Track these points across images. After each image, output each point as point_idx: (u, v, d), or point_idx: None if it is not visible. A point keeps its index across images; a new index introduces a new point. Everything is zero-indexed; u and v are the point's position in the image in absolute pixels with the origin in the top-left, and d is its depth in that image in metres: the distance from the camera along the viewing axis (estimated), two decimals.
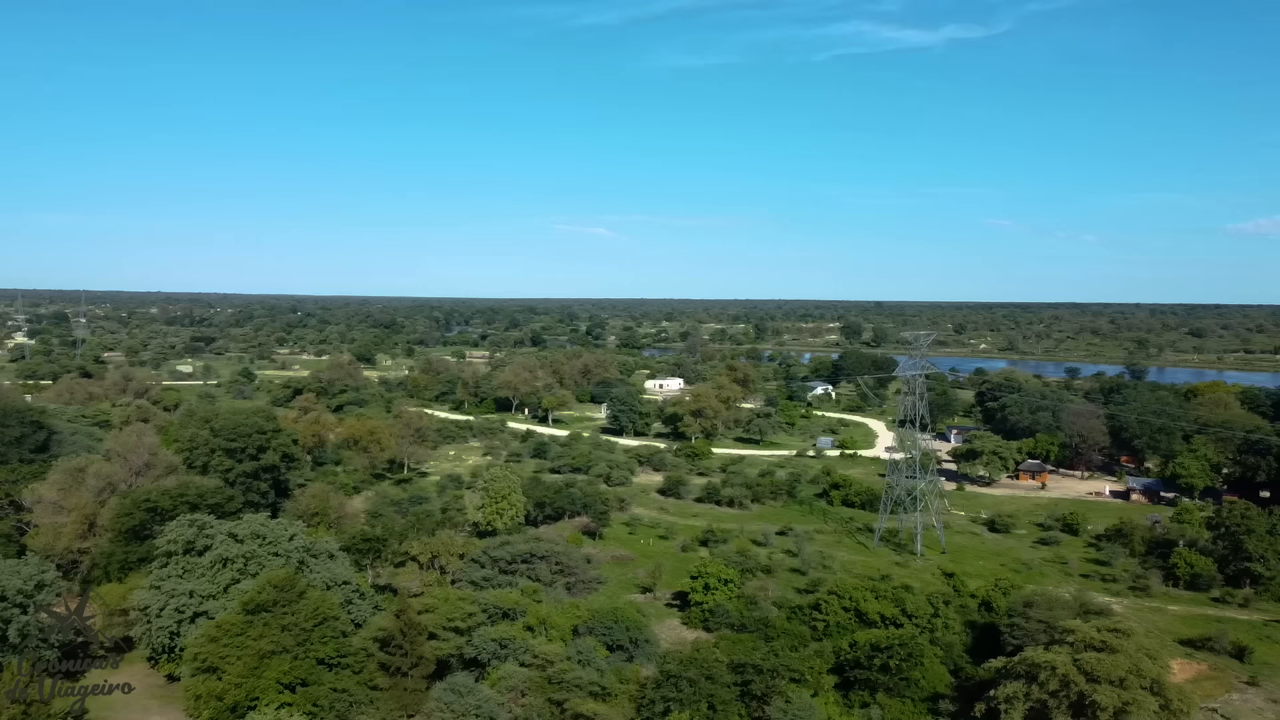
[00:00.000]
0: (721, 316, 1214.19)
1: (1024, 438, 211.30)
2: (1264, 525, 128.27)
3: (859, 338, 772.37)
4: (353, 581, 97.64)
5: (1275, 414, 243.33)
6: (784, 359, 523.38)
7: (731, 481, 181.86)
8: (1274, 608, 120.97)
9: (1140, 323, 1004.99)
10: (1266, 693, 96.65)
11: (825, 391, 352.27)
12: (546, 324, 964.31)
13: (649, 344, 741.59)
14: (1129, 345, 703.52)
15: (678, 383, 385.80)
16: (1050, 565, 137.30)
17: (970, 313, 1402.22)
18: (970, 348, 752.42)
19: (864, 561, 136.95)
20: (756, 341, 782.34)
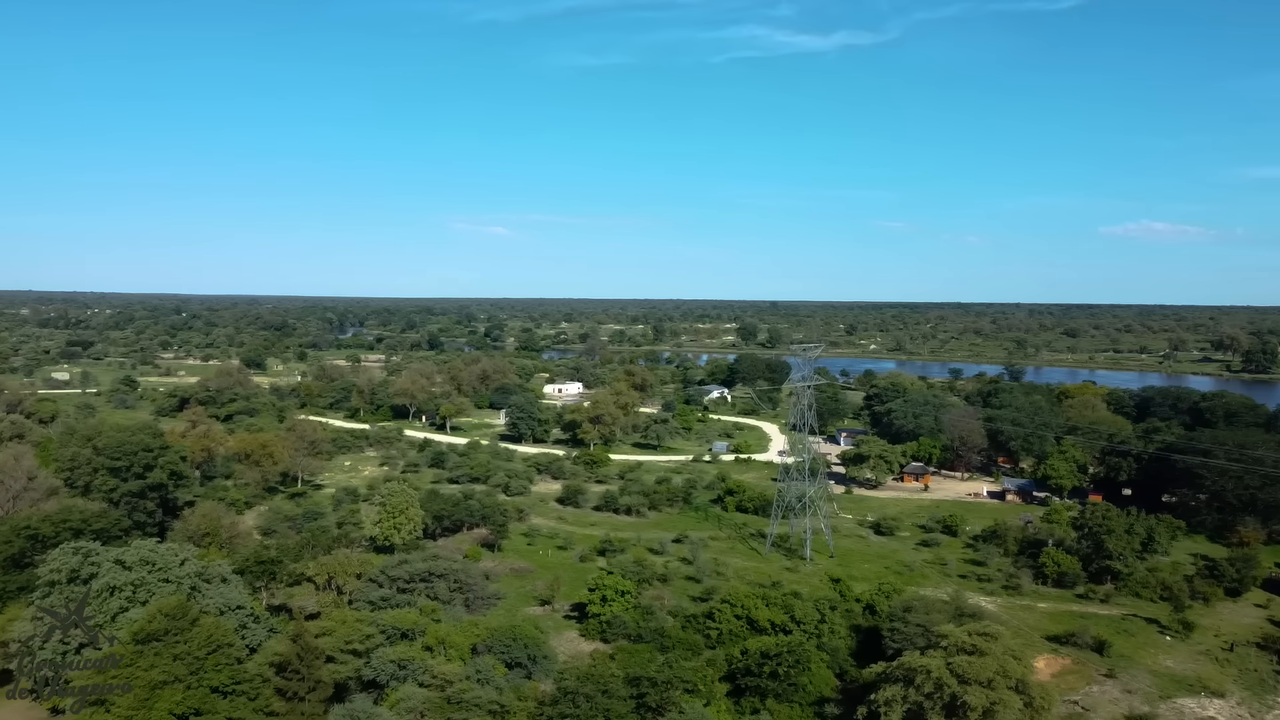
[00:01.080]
0: (621, 317, 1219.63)
1: (909, 441, 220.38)
2: (1122, 525, 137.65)
3: (755, 339, 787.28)
4: (247, 605, 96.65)
5: (1138, 415, 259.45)
6: (681, 361, 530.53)
7: (629, 489, 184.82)
8: (1132, 602, 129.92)
9: (1019, 323, 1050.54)
10: (1122, 684, 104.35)
11: (721, 395, 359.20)
12: (444, 325, 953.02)
13: (548, 346, 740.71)
14: (1008, 345, 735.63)
15: (577, 387, 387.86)
16: (931, 566, 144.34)
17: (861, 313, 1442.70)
18: (861, 348, 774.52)
19: (756, 568, 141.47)
20: (655, 343, 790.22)
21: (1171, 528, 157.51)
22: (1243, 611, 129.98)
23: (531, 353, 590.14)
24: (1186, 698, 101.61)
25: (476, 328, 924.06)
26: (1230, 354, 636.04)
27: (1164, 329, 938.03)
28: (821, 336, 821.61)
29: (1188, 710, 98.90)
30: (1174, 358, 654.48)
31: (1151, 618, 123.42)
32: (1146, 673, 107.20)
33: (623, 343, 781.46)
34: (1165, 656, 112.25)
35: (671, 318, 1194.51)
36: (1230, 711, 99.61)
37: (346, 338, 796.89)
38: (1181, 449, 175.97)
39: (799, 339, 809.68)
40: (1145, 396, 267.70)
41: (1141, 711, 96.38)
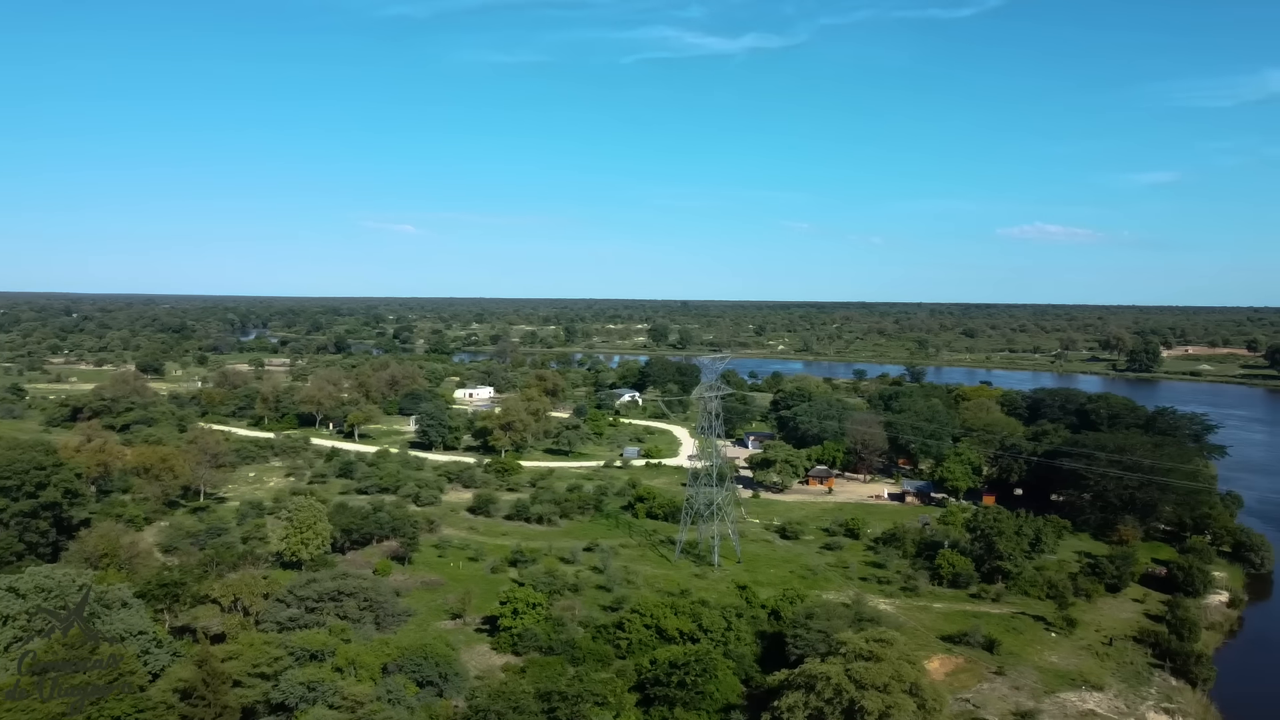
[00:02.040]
0: (532, 318, 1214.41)
1: (814, 445, 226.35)
2: (1012, 527, 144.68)
3: (666, 340, 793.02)
4: (149, 630, 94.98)
5: (1030, 416, 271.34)
6: (593, 363, 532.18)
7: (540, 498, 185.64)
8: (1021, 601, 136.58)
9: (921, 323, 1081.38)
10: (1011, 681, 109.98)
11: (633, 398, 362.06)
12: (351, 327, 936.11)
13: (459, 348, 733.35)
14: (910, 346, 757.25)
15: (488, 391, 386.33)
16: (834, 570, 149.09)
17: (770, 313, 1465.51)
18: (769, 349, 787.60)
19: (666, 575, 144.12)
20: (566, 344, 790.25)
21: (1058, 527, 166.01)
22: (1122, 606, 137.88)
23: (442, 355, 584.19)
24: (1069, 692, 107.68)
25: (385, 329, 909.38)
26: (1116, 353, 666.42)
27: (1056, 329, 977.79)
28: (731, 338, 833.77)
29: (1069, 704, 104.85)
30: (1065, 357, 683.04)
31: (1039, 615, 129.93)
32: (1033, 669, 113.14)
33: (534, 344, 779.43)
34: (1050, 652, 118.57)
35: (583, 318, 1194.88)
36: (1108, 703, 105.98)
37: (249, 340, 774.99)
38: (1067, 452, 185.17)
39: (709, 340, 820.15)
40: (1036, 398, 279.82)
41: (1027, 707, 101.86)
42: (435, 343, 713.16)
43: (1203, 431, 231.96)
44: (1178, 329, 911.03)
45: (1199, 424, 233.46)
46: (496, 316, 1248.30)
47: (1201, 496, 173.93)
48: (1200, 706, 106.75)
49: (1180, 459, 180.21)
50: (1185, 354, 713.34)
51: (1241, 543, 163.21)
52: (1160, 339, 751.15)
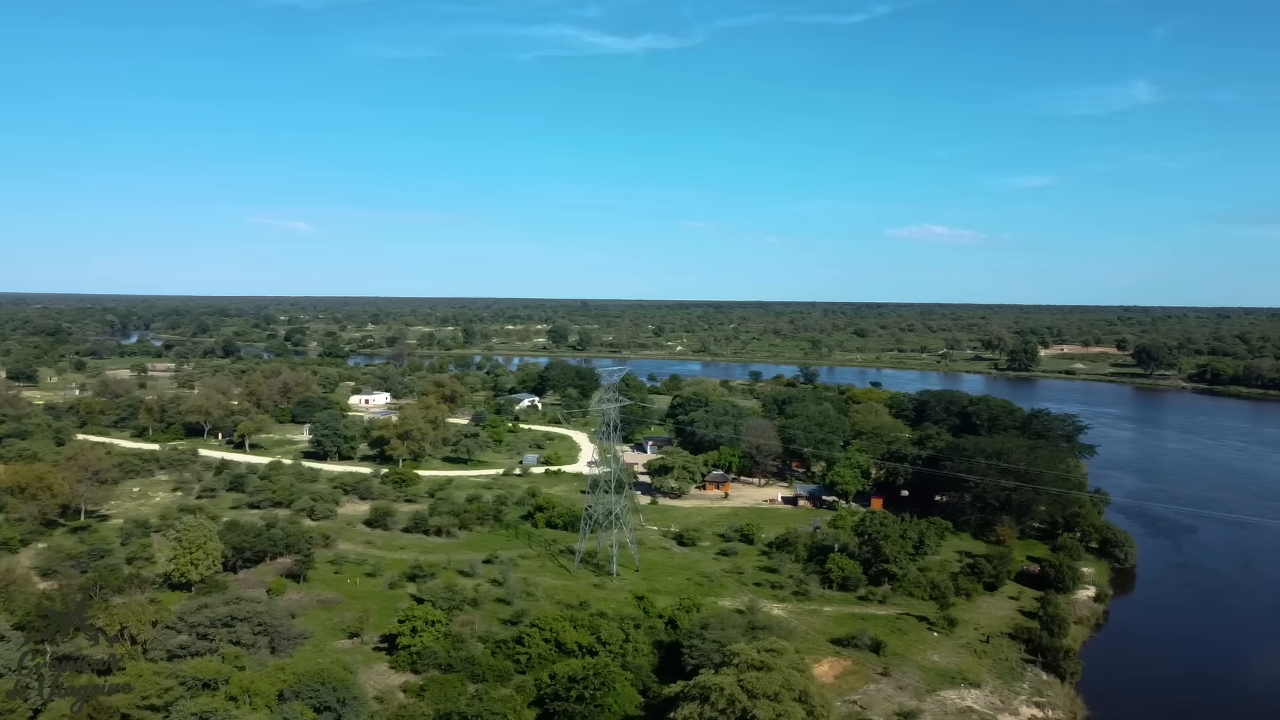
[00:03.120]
0: (430, 318, 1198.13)
1: (711, 450, 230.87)
2: (897, 531, 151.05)
3: (566, 341, 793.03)
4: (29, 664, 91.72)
5: (916, 418, 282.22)
6: (492, 366, 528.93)
7: (439, 509, 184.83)
8: (906, 602, 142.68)
9: (815, 323, 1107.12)
10: (895, 681, 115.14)
11: (532, 403, 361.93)
12: (240, 329, 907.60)
13: (354, 350, 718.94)
14: (805, 346, 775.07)
15: (384, 397, 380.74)
16: (729, 576, 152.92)
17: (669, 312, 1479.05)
18: (668, 350, 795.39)
19: (566, 586, 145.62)
20: (465, 346, 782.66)
21: (940, 529, 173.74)
22: (999, 604, 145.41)
23: (336, 359, 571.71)
24: (949, 690, 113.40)
25: (276, 331, 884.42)
26: (998, 353, 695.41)
27: (942, 328, 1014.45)
28: (630, 339, 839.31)
29: (949, 702, 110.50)
30: (950, 357, 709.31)
31: (922, 615, 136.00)
32: (916, 668, 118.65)
33: (432, 346, 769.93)
34: (932, 652, 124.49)
35: (482, 318, 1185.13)
36: (984, 700, 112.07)
37: (131, 344, 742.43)
38: (949, 455, 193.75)
39: (609, 341, 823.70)
40: (922, 400, 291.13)
41: (910, 707, 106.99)
42: (329, 345, 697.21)
43: (1074, 432, 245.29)
44: (1054, 329, 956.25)
45: (1071, 425, 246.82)
46: (393, 317, 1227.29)
47: (1072, 496, 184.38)
48: (1068, 700, 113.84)
49: (1053, 461, 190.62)
50: (1061, 353, 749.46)
51: (1108, 539, 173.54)
52: (1038, 339, 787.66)
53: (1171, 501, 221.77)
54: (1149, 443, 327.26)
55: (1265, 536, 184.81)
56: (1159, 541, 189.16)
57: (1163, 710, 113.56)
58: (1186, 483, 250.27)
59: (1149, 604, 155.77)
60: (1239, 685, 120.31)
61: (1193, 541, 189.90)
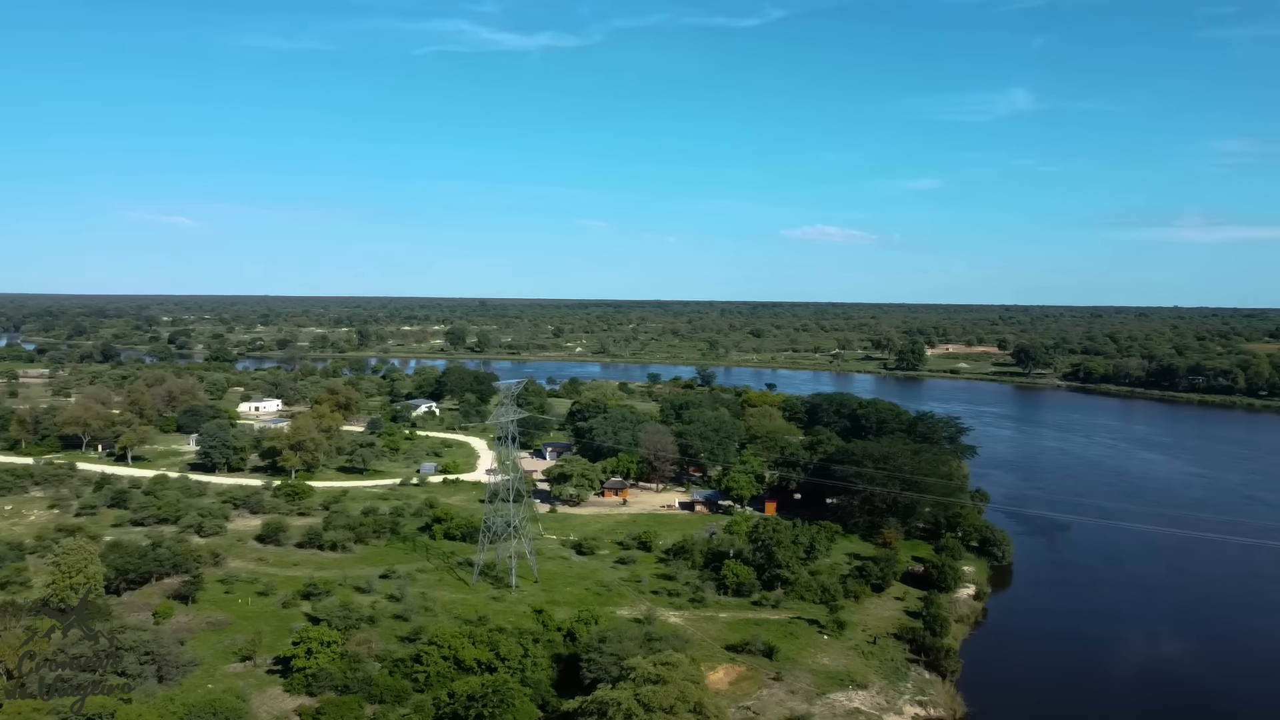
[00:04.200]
0: (323, 319, 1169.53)
1: (609, 457, 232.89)
2: (789, 536, 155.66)
3: (463, 343, 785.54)
4: None
5: (808, 421, 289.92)
6: (388, 370, 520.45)
7: (334, 523, 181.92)
8: (798, 606, 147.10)
9: (712, 323, 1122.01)
10: (787, 685, 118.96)
11: (429, 409, 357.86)
12: (120, 331, 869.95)
13: (243, 354, 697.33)
14: (702, 347, 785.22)
15: (276, 404, 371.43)
16: (628, 585, 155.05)
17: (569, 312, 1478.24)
18: (567, 351, 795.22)
19: (464, 599, 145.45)
20: (360, 348, 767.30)
21: (831, 532, 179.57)
22: (885, 605, 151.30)
23: (224, 364, 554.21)
24: (838, 692, 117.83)
25: (159, 333, 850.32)
26: (887, 352, 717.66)
27: (835, 328, 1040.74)
28: (530, 340, 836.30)
29: (838, 704, 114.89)
30: (842, 357, 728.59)
31: (813, 619, 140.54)
32: (807, 672, 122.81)
33: (325, 348, 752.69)
34: (823, 654, 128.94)
35: (377, 319, 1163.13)
36: (871, 701, 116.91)
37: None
38: (839, 460, 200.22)
39: (508, 343, 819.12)
40: (814, 403, 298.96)
41: (801, 711, 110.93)
42: (216, 349, 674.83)
43: (956, 434, 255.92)
44: (940, 328, 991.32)
45: (954, 427, 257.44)
46: (284, 317, 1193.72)
47: (954, 497, 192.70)
48: (949, 698, 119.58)
49: (936, 464, 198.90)
50: (947, 352, 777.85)
51: (987, 538, 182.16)
52: (925, 339, 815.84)
53: (1047, 500, 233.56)
54: (1027, 441, 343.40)
55: (1131, 533, 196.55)
56: (1035, 539, 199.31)
57: (1035, 702, 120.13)
58: (1061, 481, 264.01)
59: (1025, 600, 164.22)
60: (1105, 676, 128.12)
61: (1065, 539, 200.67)
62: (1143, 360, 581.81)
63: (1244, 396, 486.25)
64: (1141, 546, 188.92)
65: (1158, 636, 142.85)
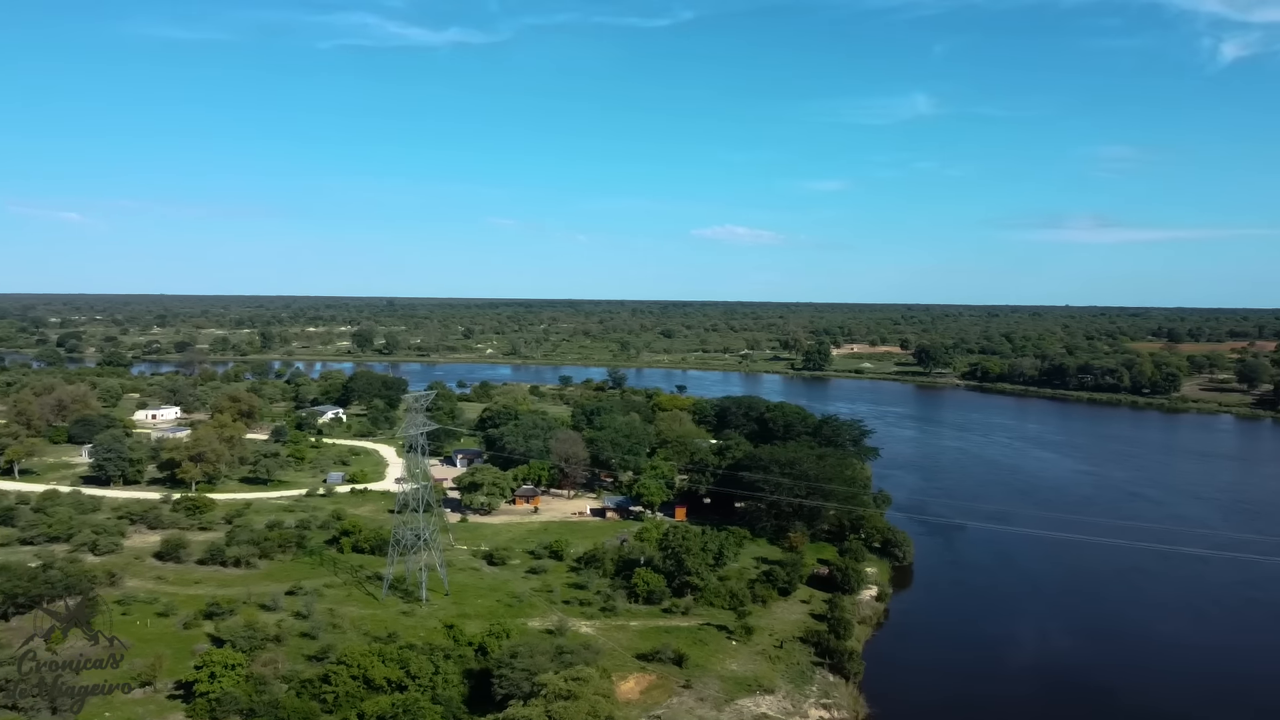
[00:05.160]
0: (223, 320, 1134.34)
1: (521, 464, 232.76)
2: (698, 544, 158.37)
3: (371, 345, 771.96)
4: None
5: (718, 424, 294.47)
6: (293, 374, 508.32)
7: (237, 538, 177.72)
8: (707, 612, 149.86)
9: (623, 323, 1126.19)
10: (697, 693, 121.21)
11: (336, 415, 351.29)
12: (3, 333, 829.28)
13: (138, 357, 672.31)
14: (614, 348, 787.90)
15: (174, 411, 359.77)
16: (539, 595, 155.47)
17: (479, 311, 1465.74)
18: (478, 353, 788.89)
19: (374, 615, 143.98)
20: (263, 351, 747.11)
21: (739, 537, 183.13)
22: (791, 609, 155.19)
23: (118, 368, 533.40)
24: (746, 697, 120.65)
25: (47, 335, 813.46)
26: (794, 352, 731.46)
27: (744, 328, 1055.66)
28: (439, 341, 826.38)
29: (746, 709, 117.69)
30: (751, 358, 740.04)
31: (722, 625, 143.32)
32: (716, 678, 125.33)
33: (226, 351, 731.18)
34: (731, 660, 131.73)
35: (281, 320, 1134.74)
36: (777, 705, 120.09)
37: None
38: (747, 465, 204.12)
39: (417, 344, 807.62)
40: (723, 407, 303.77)
41: (710, 717, 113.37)
42: (110, 353, 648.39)
43: (860, 436, 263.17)
44: (845, 328, 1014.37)
45: (857, 430, 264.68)
46: (182, 318, 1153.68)
47: (857, 500, 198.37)
48: (852, 699, 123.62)
49: (840, 467, 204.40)
50: (852, 352, 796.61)
51: (889, 540, 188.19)
52: (831, 338, 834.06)
53: (946, 500, 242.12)
54: (928, 441, 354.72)
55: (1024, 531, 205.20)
56: (934, 539, 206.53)
57: (935, 700, 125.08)
58: (959, 480, 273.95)
59: (924, 600, 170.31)
60: (1001, 671, 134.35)
61: (963, 537, 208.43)
62: (1036, 360, 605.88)
63: (1128, 394, 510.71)
64: (1034, 544, 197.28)
65: (1049, 631, 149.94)
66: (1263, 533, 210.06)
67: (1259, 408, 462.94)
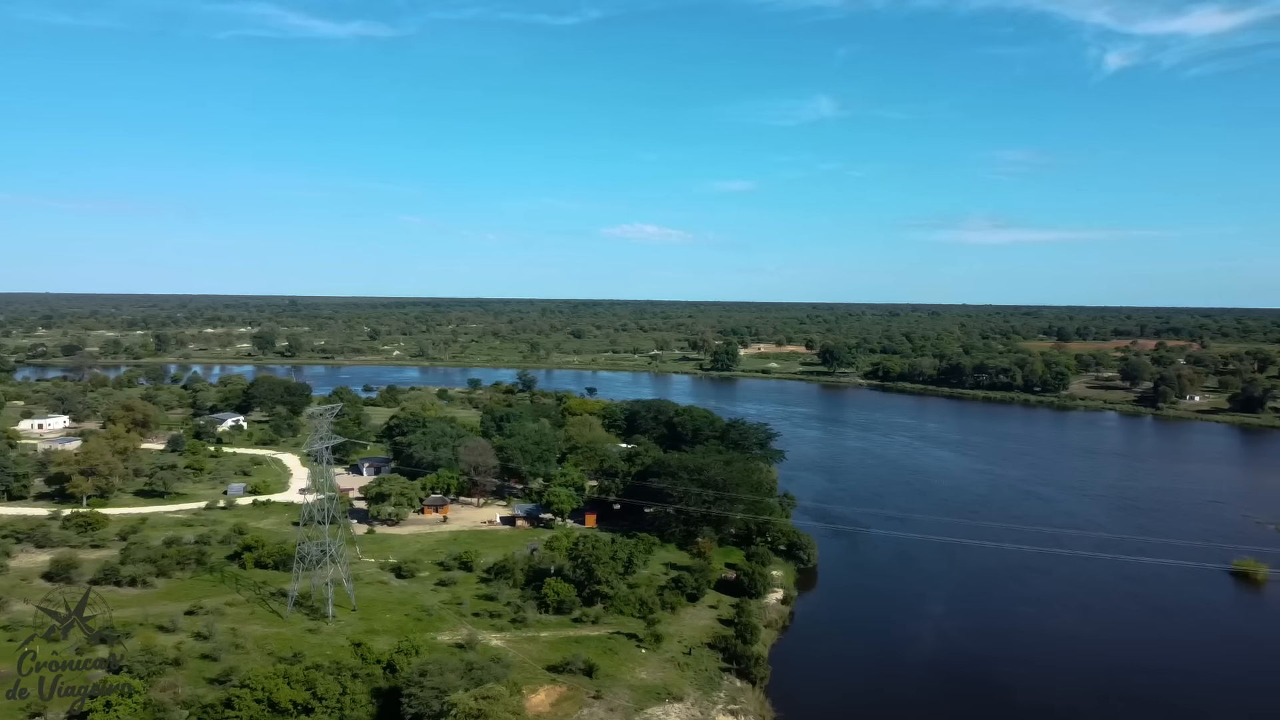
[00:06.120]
0: (115, 321, 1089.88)
1: (429, 473, 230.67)
2: (608, 552, 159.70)
3: (273, 347, 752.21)
4: None
5: (628, 428, 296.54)
6: (190, 379, 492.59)
7: (133, 555, 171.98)
8: (617, 620, 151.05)
9: (533, 323, 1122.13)
10: (607, 703, 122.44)
11: (237, 423, 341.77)
12: None
13: (22, 362, 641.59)
14: (524, 349, 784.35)
15: (62, 420, 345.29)
16: (449, 608, 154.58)
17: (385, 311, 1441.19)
18: (384, 355, 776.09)
19: (278, 634, 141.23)
20: (158, 354, 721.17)
21: (648, 544, 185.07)
22: (700, 615, 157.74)
23: (1, 374, 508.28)
24: (655, 706, 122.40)
25: None
26: (703, 353, 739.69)
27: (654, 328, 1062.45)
28: (345, 343, 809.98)
29: (655, 718, 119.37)
30: (660, 358, 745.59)
31: (632, 633, 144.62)
32: (626, 688, 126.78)
33: (118, 354, 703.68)
34: (641, 669, 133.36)
35: (176, 320, 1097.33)
36: (686, 712, 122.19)
37: None
38: (656, 472, 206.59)
39: (321, 346, 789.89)
40: (633, 411, 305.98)
41: None
42: None
43: (766, 439, 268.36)
44: (753, 327, 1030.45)
45: (763, 433, 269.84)
46: (69, 319, 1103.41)
47: (763, 505, 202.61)
48: (759, 704, 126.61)
49: (747, 472, 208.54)
50: (758, 352, 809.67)
51: (794, 542, 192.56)
52: (739, 338, 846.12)
53: (850, 500, 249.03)
54: (832, 442, 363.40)
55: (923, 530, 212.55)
56: (838, 540, 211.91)
57: (839, 700, 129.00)
58: (863, 481, 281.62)
59: (828, 601, 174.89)
60: (903, 669, 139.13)
61: (865, 538, 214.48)
62: (935, 359, 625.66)
63: (1021, 393, 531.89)
64: (933, 544, 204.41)
65: (947, 630, 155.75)
66: (1143, 529, 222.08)
67: (1140, 404, 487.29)
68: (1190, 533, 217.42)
